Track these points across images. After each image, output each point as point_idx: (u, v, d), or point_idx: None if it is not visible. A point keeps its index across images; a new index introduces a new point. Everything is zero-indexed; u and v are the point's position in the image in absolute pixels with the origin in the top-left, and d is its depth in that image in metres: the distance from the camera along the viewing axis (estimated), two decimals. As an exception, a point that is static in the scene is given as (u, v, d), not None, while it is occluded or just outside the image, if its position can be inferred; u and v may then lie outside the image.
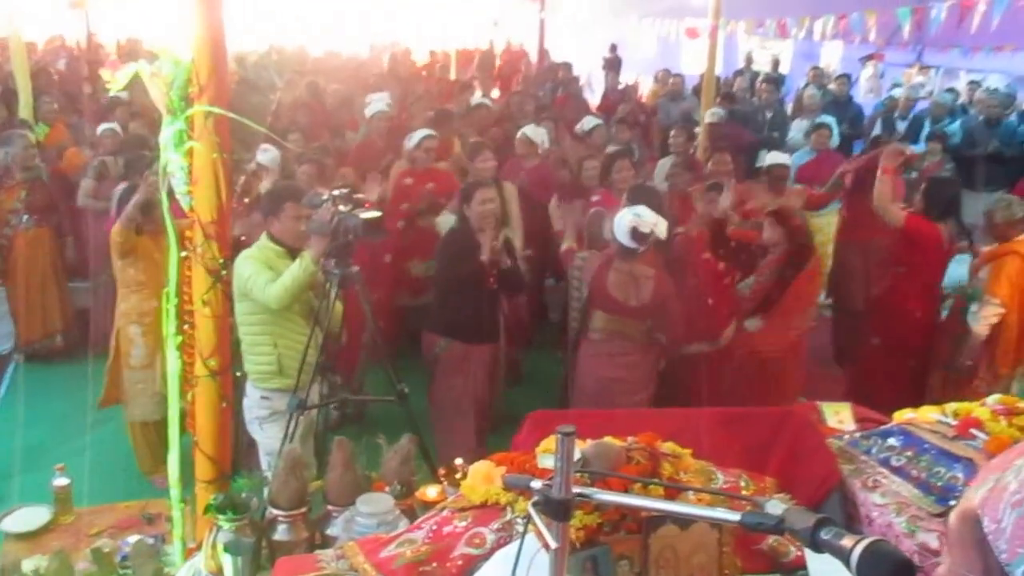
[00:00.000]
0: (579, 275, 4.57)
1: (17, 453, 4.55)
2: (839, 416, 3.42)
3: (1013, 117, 8.97)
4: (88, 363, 4.89)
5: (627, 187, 5.33)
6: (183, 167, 2.56)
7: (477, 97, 8.98)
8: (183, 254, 2.71)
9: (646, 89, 12.84)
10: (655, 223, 4.27)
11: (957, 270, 5.80)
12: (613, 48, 14.60)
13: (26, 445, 4.84)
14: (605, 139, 7.37)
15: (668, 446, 2.44)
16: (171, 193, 2.61)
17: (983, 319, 4.75)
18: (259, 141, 2.70)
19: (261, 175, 5.29)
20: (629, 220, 4.27)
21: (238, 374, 2.99)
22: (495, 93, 10.65)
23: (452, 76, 12.60)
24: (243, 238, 4.28)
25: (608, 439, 2.34)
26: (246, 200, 4.23)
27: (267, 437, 4.03)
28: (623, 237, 4.30)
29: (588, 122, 7.50)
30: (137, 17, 11.62)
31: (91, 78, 9.24)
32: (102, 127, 6.38)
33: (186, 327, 2.83)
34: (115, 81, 2.48)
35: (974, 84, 10.56)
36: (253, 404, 4.07)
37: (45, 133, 6.89)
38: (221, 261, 2.68)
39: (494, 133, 7.35)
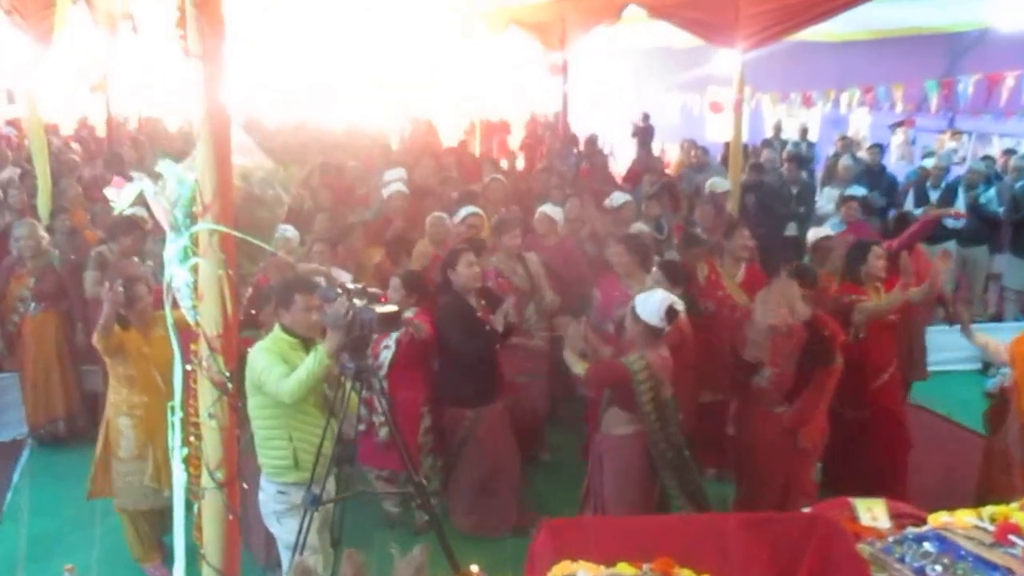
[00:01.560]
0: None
1: (23, 543, 4.53)
2: (872, 512, 3.25)
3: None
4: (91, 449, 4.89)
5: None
6: (189, 282, 2.56)
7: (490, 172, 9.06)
8: (188, 367, 2.69)
9: (672, 157, 12.89)
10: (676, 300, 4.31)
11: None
12: (645, 117, 14.66)
13: (31, 534, 4.84)
14: (634, 215, 7.34)
15: (684, 573, 2.32)
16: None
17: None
18: (266, 255, 2.68)
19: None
20: (661, 300, 4.24)
21: (245, 486, 2.92)
22: (519, 164, 10.76)
23: (476, 149, 12.79)
24: (252, 311, 4.31)
25: (621, 567, 2.24)
26: (253, 312, 4.23)
27: (285, 531, 3.96)
28: (655, 318, 4.22)
29: (617, 198, 7.46)
30: (156, 98, 12.10)
31: (111, 161, 9.47)
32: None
33: (192, 439, 2.80)
34: (119, 200, 2.50)
35: (1009, 152, 10.39)
36: (269, 498, 4.02)
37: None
38: (227, 374, 2.66)
39: (515, 210, 7.36)
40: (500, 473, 4.95)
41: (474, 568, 2.93)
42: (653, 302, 4.25)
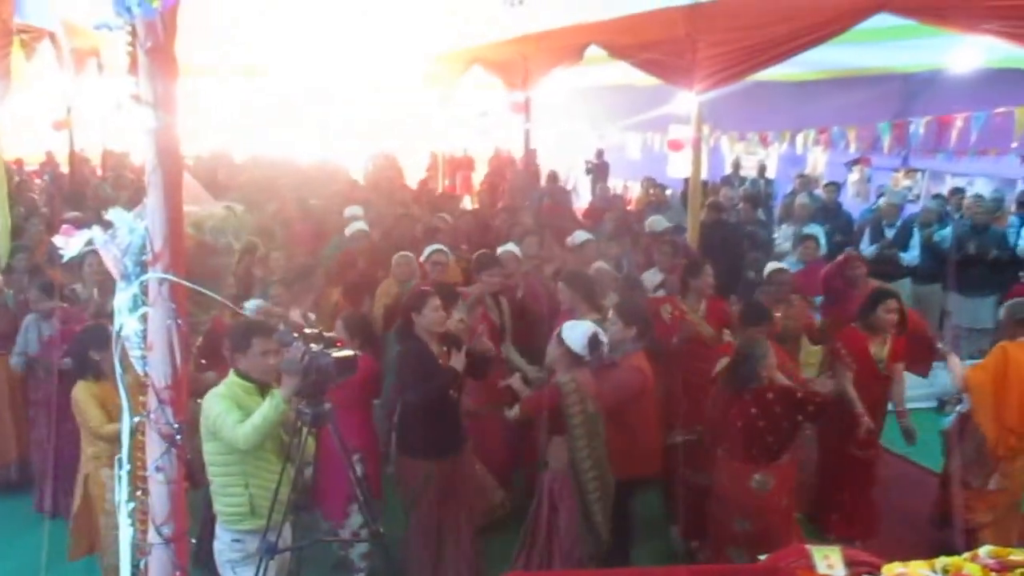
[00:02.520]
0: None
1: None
2: (829, 560, 3.26)
3: (1010, 221, 9.02)
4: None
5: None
6: (138, 332, 2.49)
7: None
8: (136, 419, 2.62)
9: (635, 194, 13.02)
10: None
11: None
12: (600, 154, 14.87)
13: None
14: (596, 253, 7.38)
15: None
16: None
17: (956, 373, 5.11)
18: (217, 303, 2.63)
19: None
20: (585, 330, 4.38)
21: (193, 540, 2.83)
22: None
23: (439, 184, 12.85)
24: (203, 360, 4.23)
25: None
26: (203, 362, 4.16)
27: (240, 581, 3.85)
28: (578, 346, 4.35)
29: (579, 236, 7.52)
30: (119, 132, 12.00)
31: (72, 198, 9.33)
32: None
33: (139, 493, 2.71)
34: (68, 247, 2.44)
35: (958, 191, 10.68)
36: (224, 547, 3.94)
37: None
38: (176, 426, 2.58)
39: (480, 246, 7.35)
40: (457, 527, 4.78)
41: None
42: (579, 331, 4.40)
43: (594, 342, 4.37)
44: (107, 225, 2.43)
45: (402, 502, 4.86)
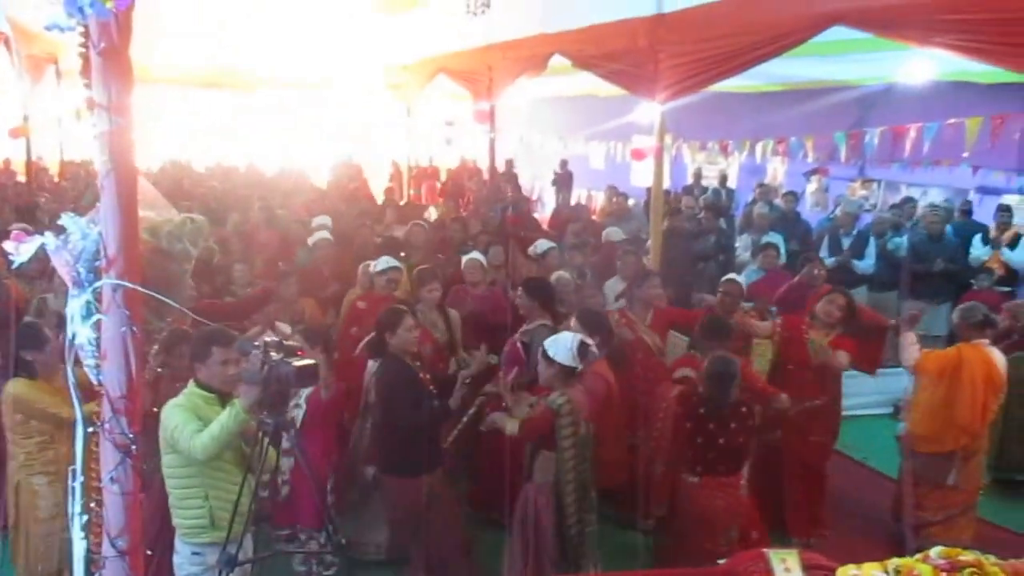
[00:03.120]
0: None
1: None
2: (786, 564, 3.31)
3: (948, 229, 9.22)
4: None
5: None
6: (91, 340, 2.44)
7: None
8: (90, 429, 2.56)
9: (599, 203, 13.11)
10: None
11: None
12: (564, 164, 14.96)
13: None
14: (558, 262, 7.42)
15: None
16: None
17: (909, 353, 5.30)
18: (173, 311, 2.58)
19: None
20: (571, 339, 4.33)
21: (148, 552, 2.77)
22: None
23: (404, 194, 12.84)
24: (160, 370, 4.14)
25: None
26: (159, 370, 4.09)
27: (201, 595, 3.80)
28: (568, 358, 4.28)
29: (541, 245, 7.57)
30: (78, 141, 11.78)
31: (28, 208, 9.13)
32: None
33: (93, 505, 2.65)
34: (19, 254, 2.38)
35: (910, 200, 10.91)
36: (184, 561, 3.88)
37: None
38: (131, 436, 2.53)
39: (438, 259, 7.35)
40: (453, 541, 4.75)
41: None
42: (563, 342, 4.33)
43: (583, 349, 4.32)
44: (60, 230, 2.37)
45: (388, 521, 4.83)
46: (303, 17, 10.37)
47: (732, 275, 6.19)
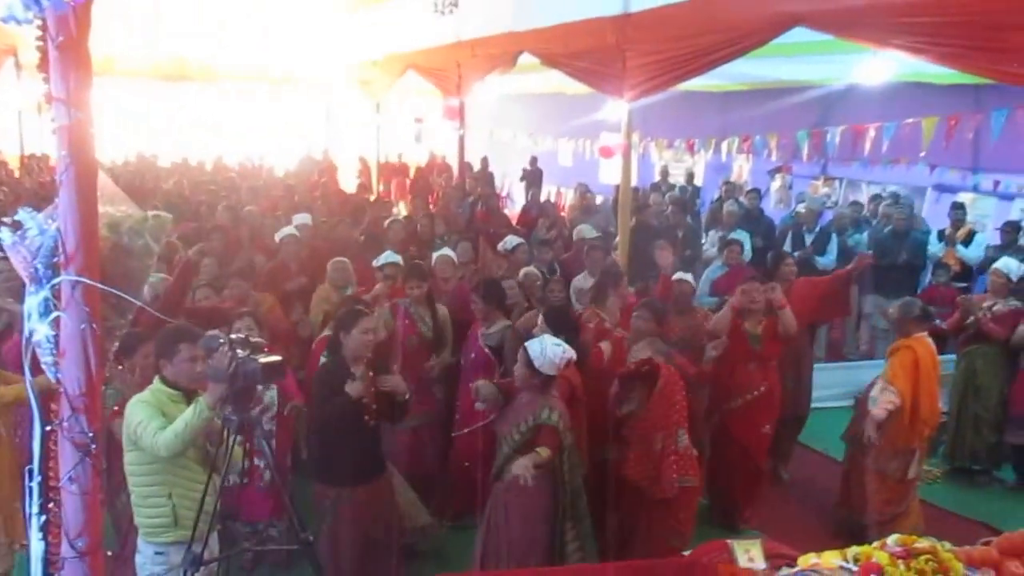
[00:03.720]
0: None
1: None
2: (749, 554, 3.36)
3: (919, 230, 9.42)
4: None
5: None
6: (49, 337, 2.41)
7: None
8: (48, 427, 2.52)
9: (567, 200, 13.17)
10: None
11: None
12: (533, 161, 15.01)
13: None
14: (528, 257, 7.44)
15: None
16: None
17: (881, 404, 5.29)
18: (134, 307, 2.56)
19: None
20: (562, 353, 4.27)
21: (109, 553, 2.75)
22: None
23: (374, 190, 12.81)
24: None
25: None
26: (120, 367, 4.05)
27: (165, 595, 3.75)
28: (553, 369, 4.25)
29: (510, 241, 7.59)
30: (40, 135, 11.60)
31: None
32: None
33: (51, 505, 2.61)
34: (-30, 248, 2.35)
35: (877, 197, 11.13)
36: (147, 561, 3.81)
37: None
38: (91, 435, 2.50)
39: (412, 253, 7.34)
40: (370, 555, 4.53)
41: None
42: (551, 355, 4.23)
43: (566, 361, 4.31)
44: (16, 226, 2.34)
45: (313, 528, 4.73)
46: (270, 11, 10.30)
47: (680, 274, 6.27)
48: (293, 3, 12.53)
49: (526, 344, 4.36)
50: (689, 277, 6.25)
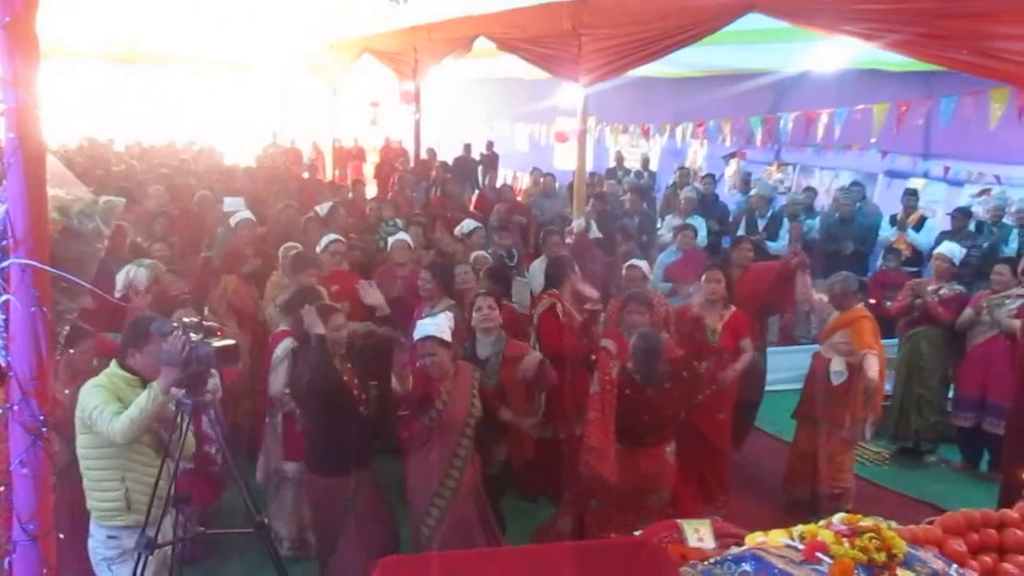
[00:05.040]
0: None
1: None
2: (699, 533, 3.42)
3: (869, 216, 9.62)
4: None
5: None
6: (-1, 321, 2.39)
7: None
8: (-1, 410, 2.51)
9: (523, 184, 13.21)
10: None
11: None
12: (490, 145, 15.02)
13: None
14: (484, 241, 7.46)
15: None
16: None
17: (874, 368, 5.42)
18: (84, 291, 2.54)
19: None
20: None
21: (61, 536, 2.73)
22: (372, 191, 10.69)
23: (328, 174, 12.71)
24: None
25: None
26: (71, 351, 3.99)
27: (117, 580, 3.73)
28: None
29: (467, 225, 7.60)
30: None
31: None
32: None
33: (1, 489, 2.59)
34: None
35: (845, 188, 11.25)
36: (99, 544, 3.79)
37: None
38: (42, 418, 2.49)
39: (352, 238, 7.31)
40: (379, 539, 4.56)
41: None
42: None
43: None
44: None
45: (312, 520, 4.76)
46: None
47: (634, 260, 6.33)
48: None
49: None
50: (642, 264, 6.30)
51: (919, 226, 9.02)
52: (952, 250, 6.97)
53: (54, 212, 2.37)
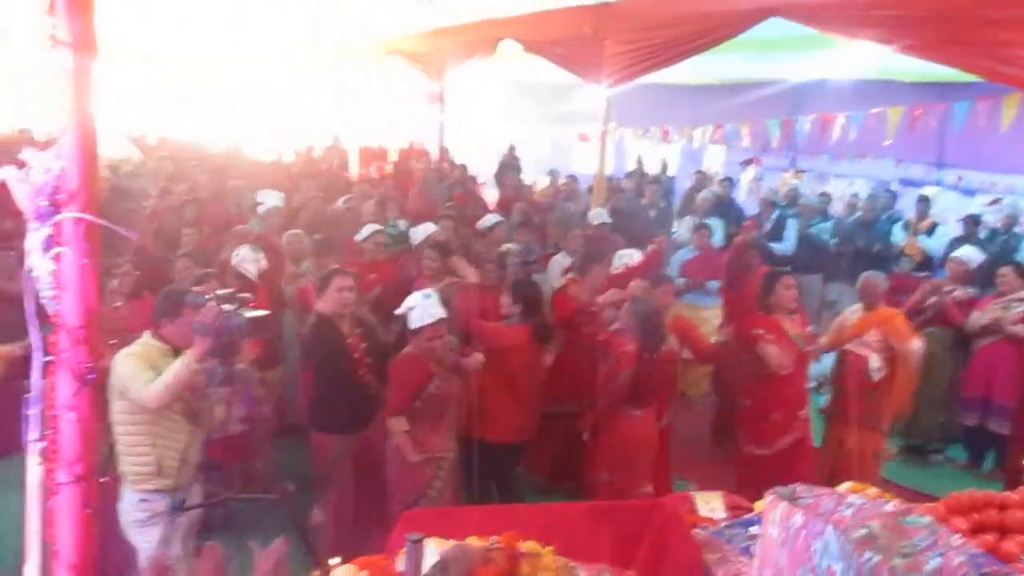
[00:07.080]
0: None
1: None
2: (710, 505, 3.54)
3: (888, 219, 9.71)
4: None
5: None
6: (49, 271, 2.53)
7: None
8: (47, 359, 2.65)
9: (540, 186, 13.34)
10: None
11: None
12: (512, 149, 15.22)
13: None
14: (505, 236, 7.62)
15: (528, 545, 2.48)
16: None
17: (916, 351, 5.56)
18: (130, 247, 2.69)
19: None
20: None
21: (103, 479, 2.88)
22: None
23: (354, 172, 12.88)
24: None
25: (470, 539, 2.37)
26: (116, 304, 4.16)
27: (147, 541, 3.90)
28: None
29: (489, 220, 7.78)
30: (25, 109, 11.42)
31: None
32: None
33: (48, 432, 2.74)
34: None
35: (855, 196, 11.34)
36: (131, 507, 3.94)
37: None
38: (88, 365, 2.63)
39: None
40: (371, 501, 4.82)
41: (334, 561, 2.99)
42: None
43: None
44: (22, 164, 2.47)
45: (315, 477, 4.94)
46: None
47: (627, 250, 6.52)
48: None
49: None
50: (635, 254, 6.47)
51: (931, 232, 9.09)
52: (970, 254, 7.02)
53: (104, 171, 2.52)
